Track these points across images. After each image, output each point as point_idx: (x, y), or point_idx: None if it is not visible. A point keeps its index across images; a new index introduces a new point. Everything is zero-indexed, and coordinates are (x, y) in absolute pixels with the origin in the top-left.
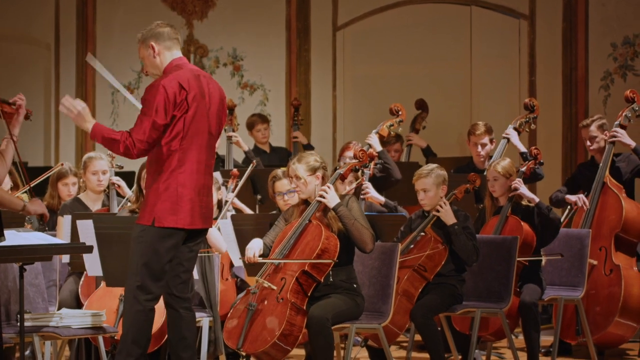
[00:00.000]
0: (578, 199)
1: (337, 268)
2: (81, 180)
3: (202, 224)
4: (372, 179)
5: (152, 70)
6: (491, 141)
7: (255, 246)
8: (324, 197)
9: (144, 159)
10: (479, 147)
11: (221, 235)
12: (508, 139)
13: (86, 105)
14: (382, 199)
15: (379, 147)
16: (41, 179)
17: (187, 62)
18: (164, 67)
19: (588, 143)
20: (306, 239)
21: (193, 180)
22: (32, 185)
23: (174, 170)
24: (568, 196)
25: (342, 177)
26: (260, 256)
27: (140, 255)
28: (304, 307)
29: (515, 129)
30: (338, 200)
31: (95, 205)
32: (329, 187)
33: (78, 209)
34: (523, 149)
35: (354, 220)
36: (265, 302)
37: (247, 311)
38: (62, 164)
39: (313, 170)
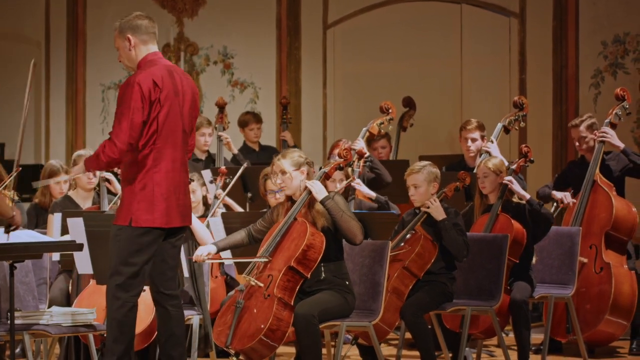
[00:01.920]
0: (564, 196)
1: (327, 263)
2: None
3: (180, 222)
4: (362, 180)
5: (126, 62)
6: (482, 138)
7: (205, 249)
8: (312, 190)
9: None
10: (469, 141)
11: (209, 232)
12: (489, 153)
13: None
14: (372, 194)
15: (366, 152)
16: (16, 173)
17: (161, 57)
18: (138, 61)
19: (577, 143)
20: (292, 237)
21: (169, 178)
22: (10, 179)
23: (149, 170)
24: (554, 192)
25: (327, 176)
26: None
27: (119, 255)
28: (292, 303)
29: (504, 126)
30: (326, 194)
31: (85, 203)
32: (314, 184)
33: (69, 207)
34: (505, 162)
35: (342, 213)
36: (253, 299)
37: (235, 309)
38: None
39: (298, 166)
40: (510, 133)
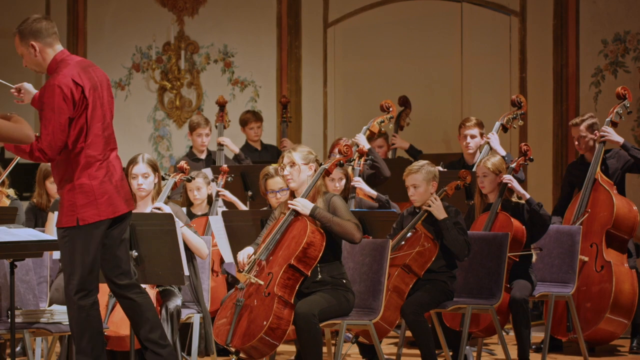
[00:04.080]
0: None
1: (325, 264)
2: None
3: (125, 208)
4: (362, 178)
5: (33, 67)
6: (481, 135)
7: (244, 251)
8: (297, 208)
9: None
10: (469, 138)
11: (200, 239)
12: (489, 144)
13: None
14: (373, 192)
15: (367, 146)
16: (10, 169)
17: (70, 55)
18: (48, 64)
19: (577, 142)
20: (292, 234)
21: (103, 170)
22: (5, 175)
23: (84, 166)
24: None
25: (327, 172)
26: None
27: (71, 256)
28: (292, 301)
29: (503, 125)
30: (311, 206)
31: None
32: (297, 201)
33: None
34: (503, 152)
35: (331, 217)
36: (253, 297)
37: (235, 307)
38: None
39: (307, 161)
40: (511, 132)
